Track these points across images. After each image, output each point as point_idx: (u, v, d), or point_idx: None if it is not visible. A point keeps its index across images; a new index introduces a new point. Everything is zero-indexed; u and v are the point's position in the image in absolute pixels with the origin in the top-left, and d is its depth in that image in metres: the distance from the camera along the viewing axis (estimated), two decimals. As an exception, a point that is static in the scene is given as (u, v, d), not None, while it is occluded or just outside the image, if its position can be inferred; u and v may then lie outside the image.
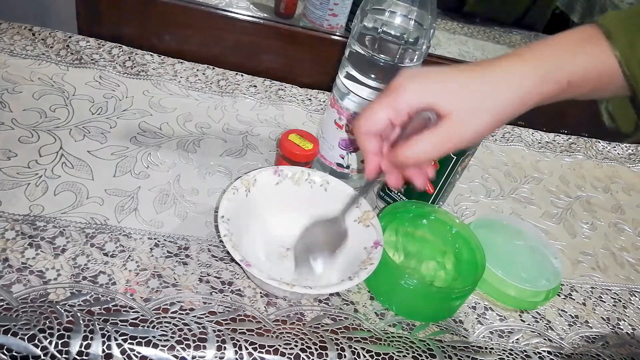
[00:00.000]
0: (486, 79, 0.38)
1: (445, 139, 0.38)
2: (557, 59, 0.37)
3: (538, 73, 0.37)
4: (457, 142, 0.39)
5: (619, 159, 0.92)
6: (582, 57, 0.37)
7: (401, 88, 0.39)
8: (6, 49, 0.69)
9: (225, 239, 0.45)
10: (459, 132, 0.38)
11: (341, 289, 0.46)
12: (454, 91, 0.38)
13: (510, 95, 0.37)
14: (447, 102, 0.37)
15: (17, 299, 0.43)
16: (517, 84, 0.37)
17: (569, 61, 0.37)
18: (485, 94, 0.37)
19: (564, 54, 0.37)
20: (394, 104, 0.39)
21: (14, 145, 0.56)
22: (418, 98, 0.38)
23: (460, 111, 0.37)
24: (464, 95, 0.37)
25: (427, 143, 0.39)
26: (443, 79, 0.38)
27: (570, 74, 0.37)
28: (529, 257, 0.61)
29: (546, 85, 0.37)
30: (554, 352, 0.54)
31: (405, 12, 0.53)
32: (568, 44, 0.38)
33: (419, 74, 0.39)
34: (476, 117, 0.38)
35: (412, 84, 0.38)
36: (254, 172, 0.53)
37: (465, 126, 0.38)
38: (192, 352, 0.43)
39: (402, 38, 0.53)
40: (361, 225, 0.53)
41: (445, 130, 0.38)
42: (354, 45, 0.56)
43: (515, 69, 0.37)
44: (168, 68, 0.75)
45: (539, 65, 0.37)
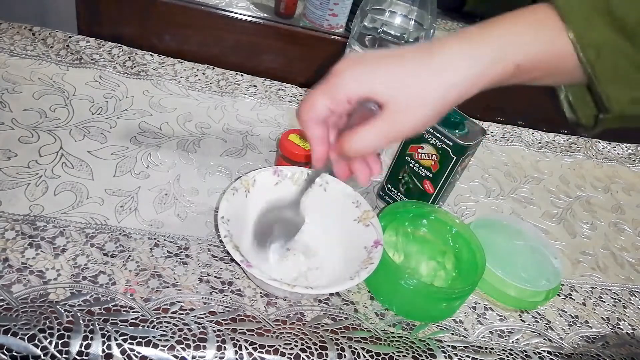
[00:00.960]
0: (432, 67, 0.35)
1: (387, 130, 0.37)
2: (506, 41, 0.35)
3: (486, 58, 0.35)
4: (400, 132, 0.37)
5: (619, 159, 0.92)
6: (533, 40, 0.35)
7: (340, 76, 0.37)
8: (6, 49, 0.69)
9: (225, 239, 0.45)
10: (401, 122, 0.36)
11: (342, 289, 0.46)
12: (395, 80, 0.36)
13: (456, 82, 0.35)
14: (387, 92, 0.36)
15: (17, 299, 0.43)
16: (464, 71, 0.35)
17: (519, 44, 0.35)
18: (429, 83, 0.35)
19: (514, 36, 0.35)
20: (332, 93, 0.37)
21: (14, 145, 0.56)
22: (357, 87, 0.36)
23: (401, 101, 0.36)
24: (406, 84, 0.35)
25: (369, 133, 0.37)
26: (384, 66, 0.36)
27: (519, 57, 0.35)
28: (529, 257, 0.61)
29: (494, 70, 0.35)
30: (554, 352, 0.54)
31: (405, 12, 0.53)
32: (519, 25, 0.35)
33: (360, 60, 0.37)
34: (418, 107, 0.36)
35: (351, 71, 0.37)
36: (254, 173, 0.53)
37: (407, 116, 0.36)
38: (192, 352, 0.43)
39: (402, 38, 0.53)
40: (361, 224, 0.53)
41: (386, 121, 0.36)
42: (354, 45, 0.56)
43: (463, 53, 0.35)
44: (168, 68, 0.75)
45: (487, 49, 0.35)
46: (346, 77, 0.37)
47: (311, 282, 0.52)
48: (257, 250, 0.51)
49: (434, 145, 0.58)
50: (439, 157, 0.58)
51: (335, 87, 0.37)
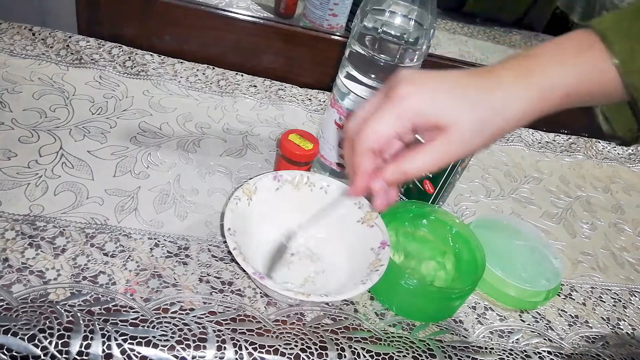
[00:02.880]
0: (493, 98, 0.36)
1: (445, 151, 0.37)
2: (555, 73, 0.36)
3: (539, 92, 0.36)
4: (455, 155, 0.38)
5: (619, 159, 0.92)
6: (580, 69, 0.36)
7: (406, 97, 0.37)
8: (6, 49, 0.69)
9: (235, 252, 0.45)
10: (459, 146, 0.37)
11: (356, 294, 0.46)
12: (459, 104, 0.36)
13: (514, 113, 0.37)
14: (450, 115, 0.36)
15: (17, 299, 0.43)
16: (522, 101, 0.36)
17: (567, 76, 0.36)
18: (490, 112, 0.36)
19: (561, 66, 0.36)
20: (398, 114, 0.37)
21: (14, 145, 0.56)
22: (425, 106, 0.36)
23: (462, 127, 0.36)
24: (468, 111, 0.36)
25: (428, 155, 0.37)
26: (447, 89, 0.37)
27: (568, 89, 0.36)
28: (529, 257, 0.61)
29: (545, 103, 0.37)
30: (554, 352, 0.54)
31: (405, 12, 0.53)
32: (564, 54, 0.37)
33: (421, 82, 0.37)
34: (477, 135, 0.37)
35: (416, 92, 0.37)
36: (254, 180, 0.53)
37: (467, 140, 0.37)
38: (192, 352, 0.43)
39: (402, 38, 0.53)
40: (365, 225, 0.53)
41: (446, 143, 0.37)
42: (354, 45, 0.56)
43: (519, 89, 0.36)
44: (168, 68, 0.75)
45: (538, 87, 0.36)
46: (413, 97, 0.37)
47: (319, 287, 0.51)
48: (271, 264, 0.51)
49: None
50: (439, 157, 0.58)
51: (402, 109, 0.37)
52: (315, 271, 0.53)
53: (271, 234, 0.54)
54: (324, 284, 0.52)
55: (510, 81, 0.36)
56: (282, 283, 0.44)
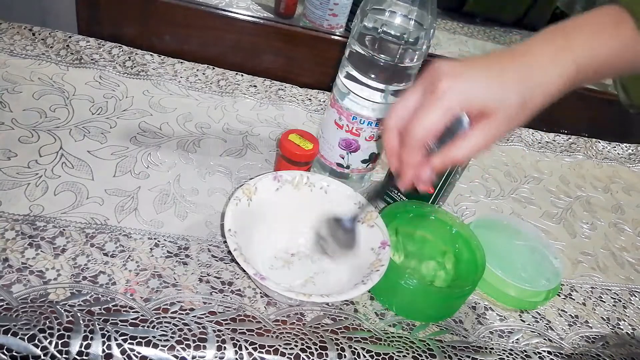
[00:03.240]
0: (530, 75, 0.38)
1: (493, 134, 0.39)
2: (589, 50, 0.38)
3: (572, 66, 0.38)
4: (499, 137, 0.39)
5: (619, 159, 0.92)
6: (612, 44, 0.37)
7: (450, 89, 0.38)
8: (6, 49, 0.69)
9: (235, 253, 0.45)
10: (505, 125, 0.39)
11: (356, 294, 0.46)
12: (502, 88, 0.38)
13: (551, 88, 0.38)
14: (495, 100, 0.38)
15: (17, 299, 0.43)
16: (558, 76, 0.38)
17: (601, 51, 0.37)
18: (531, 91, 0.38)
19: (594, 43, 0.38)
20: (445, 106, 0.38)
21: (14, 145, 0.56)
22: (470, 96, 0.38)
23: (507, 110, 0.38)
24: (512, 93, 0.38)
25: (475, 141, 0.39)
26: (487, 76, 0.38)
27: (601, 62, 0.38)
28: (529, 257, 0.61)
29: (577, 76, 0.38)
30: (554, 352, 0.54)
31: (405, 12, 0.53)
32: (597, 31, 0.38)
33: (460, 72, 0.38)
34: (521, 113, 0.38)
35: (460, 82, 0.38)
36: (254, 180, 0.53)
37: (510, 122, 0.39)
38: (192, 352, 0.43)
39: (402, 38, 0.53)
40: (365, 225, 0.53)
41: (494, 126, 0.38)
42: (354, 45, 0.55)
43: (555, 60, 0.38)
44: (168, 68, 0.75)
45: (570, 57, 0.38)
46: (458, 90, 0.38)
47: (319, 287, 0.51)
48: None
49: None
50: (439, 157, 0.58)
51: (449, 100, 0.38)
52: (315, 272, 0.53)
53: (271, 234, 0.54)
54: (324, 284, 0.52)
55: (547, 60, 0.38)
56: (290, 290, 0.45)
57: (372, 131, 0.59)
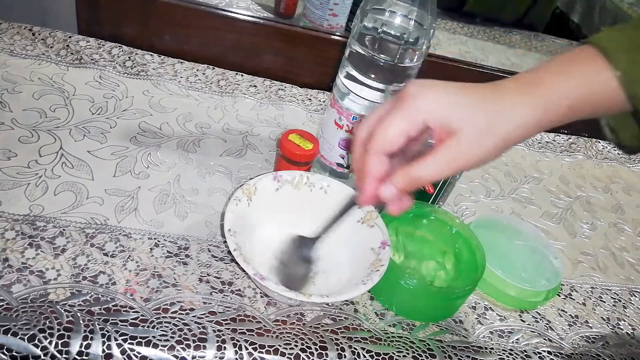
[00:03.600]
0: (503, 105, 0.37)
1: (455, 157, 0.37)
2: (558, 86, 0.37)
3: (543, 106, 0.37)
4: (466, 160, 0.37)
5: (619, 159, 0.92)
6: (583, 81, 0.37)
7: (416, 97, 0.37)
8: (6, 49, 0.69)
9: (235, 253, 0.45)
10: (470, 149, 0.37)
11: (357, 294, 0.46)
12: (469, 114, 0.37)
13: (521, 121, 0.37)
14: (460, 118, 0.37)
15: (17, 299, 0.43)
16: (528, 111, 0.37)
17: (570, 89, 0.37)
18: (499, 116, 0.37)
19: (565, 82, 0.37)
20: (409, 114, 0.37)
21: (14, 145, 0.56)
22: (436, 108, 0.37)
23: (477, 127, 0.37)
24: (478, 114, 0.37)
25: (438, 160, 0.37)
26: (456, 93, 0.37)
27: (571, 101, 0.37)
28: (529, 257, 0.61)
29: (549, 114, 0.37)
30: (554, 352, 0.54)
31: (405, 12, 0.53)
32: (567, 69, 0.38)
33: (430, 85, 0.38)
34: (486, 138, 0.37)
35: (427, 93, 0.37)
36: (254, 180, 0.53)
37: (474, 146, 0.37)
38: (192, 352, 0.43)
39: (402, 38, 0.53)
40: (365, 225, 0.53)
41: (455, 146, 0.37)
42: (354, 45, 0.55)
43: (524, 102, 0.37)
44: (168, 68, 0.75)
45: (542, 98, 0.37)
46: (423, 98, 0.37)
47: (319, 287, 0.51)
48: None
49: (434, 145, 0.58)
50: (439, 157, 0.58)
51: (413, 107, 0.37)
52: (315, 272, 0.53)
53: (271, 234, 0.54)
54: (324, 284, 0.52)
55: (516, 91, 0.37)
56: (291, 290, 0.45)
57: (372, 131, 0.58)
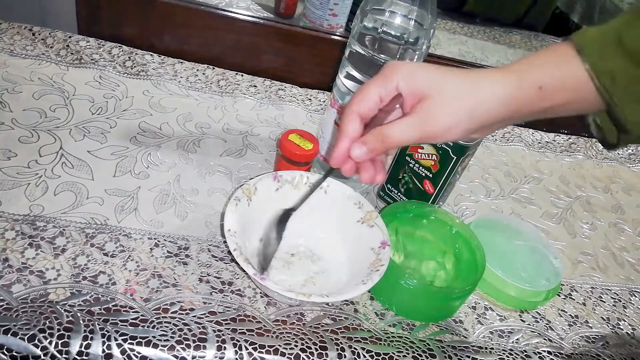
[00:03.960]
0: (470, 79, 0.40)
1: (424, 122, 0.40)
2: (530, 69, 0.40)
3: (513, 82, 0.39)
4: (432, 127, 0.40)
5: (619, 159, 0.92)
6: (554, 69, 0.39)
7: (394, 70, 0.41)
8: (6, 49, 0.69)
9: (235, 253, 0.45)
10: (436, 117, 0.39)
11: (357, 294, 0.46)
12: (440, 79, 0.40)
13: (489, 95, 0.39)
14: (430, 86, 0.40)
15: (17, 299, 0.43)
16: (500, 85, 0.39)
17: (541, 71, 0.39)
18: (470, 85, 0.40)
19: (537, 66, 0.40)
20: (385, 82, 0.41)
21: (14, 145, 0.56)
22: (407, 77, 0.40)
23: (442, 94, 0.39)
24: (450, 82, 0.40)
25: (408, 122, 0.40)
26: (431, 69, 0.41)
27: (541, 81, 0.39)
28: (529, 257, 0.61)
29: (520, 93, 0.39)
30: (554, 352, 0.54)
31: (405, 12, 0.53)
32: (541, 58, 0.40)
33: (410, 62, 0.43)
34: (454, 105, 0.39)
35: (403, 67, 0.41)
36: (254, 180, 0.53)
37: (443, 112, 0.39)
38: (192, 352, 0.43)
39: (402, 38, 0.53)
40: (365, 225, 0.53)
41: (425, 112, 0.40)
42: (354, 45, 0.55)
43: (495, 78, 0.40)
44: (168, 68, 0.75)
45: (513, 75, 0.40)
46: (399, 71, 0.40)
47: (319, 287, 0.51)
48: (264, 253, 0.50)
49: (434, 145, 0.58)
50: (439, 157, 0.58)
51: (389, 78, 0.41)
52: (315, 272, 0.53)
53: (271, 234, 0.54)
54: (324, 284, 0.52)
55: (492, 73, 0.40)
56: (290, 290, 0.45)
57: (372, 131, 0.58)
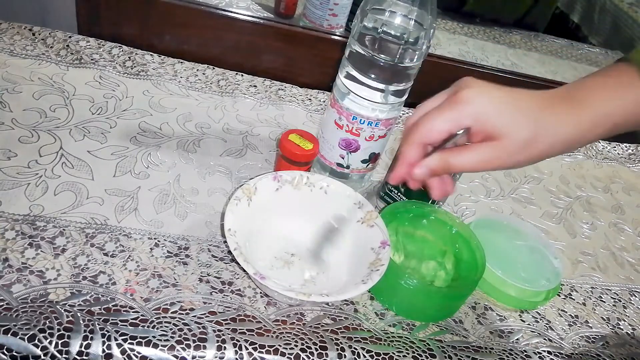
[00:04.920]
0: (545, 116, 0.39)
1: (491, 159, 0.39)
2: (604, 105, 0.39)
3: (588, 124, 0.39)
4: (499, 166, 0.40)
5: (619, 159, 0.92)
6: (625, 101, 0.39)
7: (470, 104, 0.39)
8: (6, 49, 0.69)
9: (235, 252, 0.45)
10: (505, 158, 0.39)
11: (356, 294, 0.46)
12: (513, 123, 0.39)
13: (565, 138, 0.39)
14: (508, 126, 0.39)
15: (17, 299, 0.43)
16: (573, 128, 0.39)
17: (615, 107, 0.39)
18: (544, 129, 0.39)
19: (609, 99, 0.39)
20: (459, 119, 0.39)
21: (14, 145, 0.56)
22: (483, 118, 0.39)
23: (516, 138, 0.39)
24: (525, 124, 0.39)
25: (475, 155, 0.40)
26: (508, 104, 0.39)
27: (616, 118, 0.39)
28: (529, 257, 0.61)
29: (595, 131, 0.39)
30: (554, 352, 0.54)
31: (405, 12, 0.53)
32: (611, 88, 0.40)
33: (487, 91, 0.40)
34: (529, 148, 0.39)
35: (481, 101, 0.39)
36: (254, 180, 0.53)
37: (516, 153, 0.39)
38: (192, 352, 0.43)
39: (402, 38, 0.53)
40: (365, 225, 0.53)
41: (496, 150, 0.39)
42: (354, 45, 0.55)
43: (570, 119, 0.39)
44: (168, 68, 0.75)
45: (588, 116, 0.39)
46: (476, 107, 0.39)
47: (319, 287, 0.51)
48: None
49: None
50: (439, 157, 0.58)
51: (463, 112, 0.39)
52: (316, 271, 0.53)
53: (271, 234, 0.54)
54: (324, 284, 0.52)
55: (563, 109, 0.39)
56: (290, 289, 0.45)
57: (372, 131, 0.59)
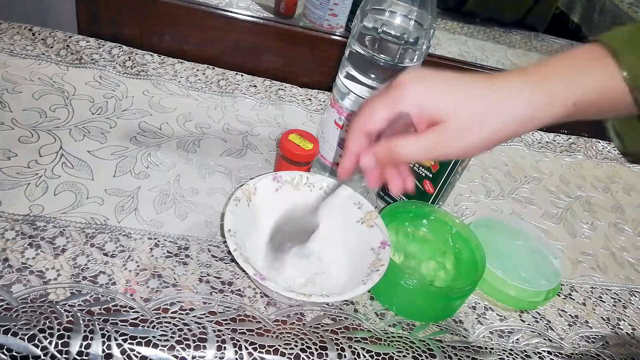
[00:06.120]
0: (495, 96, 0.36)
1: (437, 144, 0.37)
2: (564, 80, 0.36)
3: (545, 97, 0.36)
4: (448, 150, 0.37)
5: (619, 159, 0.92)
6: (589, 79, 0.36)
7: (405, 89, 0.37)
8: (6, 49, 0.69)
9: (235, 253, 0.45)
10: (453, 140, 0.37)
11: (357, 294, 0.46)
12: (455, 103, 0.36)
13: (517, 113, 0.36)
14: (446, 113, 0.36)
15: (17, 299, 0.43)
16: (524, 108, 0.36)
17: (576, 83, 0.36)
18: (492, 110, 0.36)
19: (571, 75, 0.36)
20: (395, 104, 0.38)
21: (14, 145, 0.56)
22: (420, 100, 0.37)
23: (462, 121, 0.36)
24: (465, 108, 0.36)
25: (419, 143, 0.38)
26: (449, 85, 0.37)
27: (577, 96, 0.36)
28: (529, 257, 0.61)
29: (552, 109, 0.36)
30: (554, 352, 0.54)
31: (405, 12, 0.53)
32: (574, 65, 0.37)
33: (423, 76, 0.38)
34: (475, 131, 0.36)
35: (417, 85, 0.37)
36: (254, 181, 0.53)
37: (460, 137, 0.37)
38: (192, 352, 0.43)
39: (402, 38, 0.53)
40: (365, 225, 0.53)
41: (440, 136, 0.37)
42: (354, 45, 0.56)
43: (524, 90, 0.36)
44: (168, 68, 0.75)
45: (545, 89, 0.36)
46: (411, 90, 0.37)
47: (319, 288, 0.51)
48: (273, 255, 0.50)
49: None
50: (439, 157, 0.58)
51: (399, 99, 0.37)
52: (315, 272, 0.53)
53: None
54: (325, 284, 0.52)
55: (517, 84, 0.36)
56: (290, 290, 0.45)
57: (372, 131, 0.59)
